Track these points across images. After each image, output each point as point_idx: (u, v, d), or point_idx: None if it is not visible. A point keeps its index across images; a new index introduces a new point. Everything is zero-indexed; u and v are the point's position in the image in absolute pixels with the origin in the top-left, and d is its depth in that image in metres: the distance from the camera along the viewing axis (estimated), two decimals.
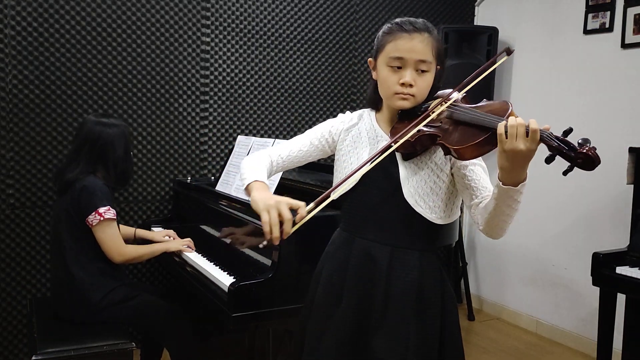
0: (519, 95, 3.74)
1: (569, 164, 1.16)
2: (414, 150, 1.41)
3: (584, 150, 1.13)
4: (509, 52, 1.48)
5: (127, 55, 3.02)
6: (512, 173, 1.23)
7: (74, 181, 2.28)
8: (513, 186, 1.25)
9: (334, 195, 1.35)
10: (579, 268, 3.31)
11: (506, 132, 1.18)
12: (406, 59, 1.39)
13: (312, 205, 1.28)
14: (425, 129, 1.37)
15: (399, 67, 1.40)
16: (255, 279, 1.99)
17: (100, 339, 2.17)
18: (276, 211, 1.26)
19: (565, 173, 1.17)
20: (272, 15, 3.40)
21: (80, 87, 2.92)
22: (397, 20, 1.45)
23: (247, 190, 1.42)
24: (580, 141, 1.15)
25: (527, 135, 1.17)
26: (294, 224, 1.26)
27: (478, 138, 1.26)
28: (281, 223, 1.25)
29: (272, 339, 2.31)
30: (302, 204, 1.27)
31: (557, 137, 1.17)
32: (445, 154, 1.38)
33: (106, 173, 2.36)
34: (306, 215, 1.26)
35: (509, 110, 1.28)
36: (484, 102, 1.39)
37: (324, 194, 1.30)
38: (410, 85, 1.40)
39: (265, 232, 1.25)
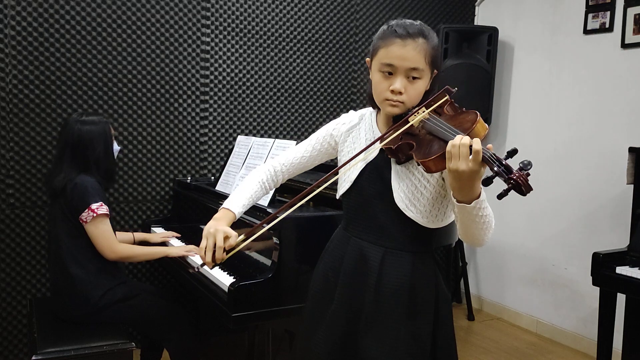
0: (519, 96, 3.74)
1: (506, 186, 1.15)
2: (399, 158, 1.41)
3: (514, 177, 1.13)
4: (449, 91, 1.42)
5: (127, 55, 3.02)
6: (461, 191, 1.24)
7: (65, 184, 2.28)
8: (466, 204, 1.25)
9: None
10: (579, 268, 3.31)
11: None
12: (397, 66, 1.38)
13: (242, 236, 1.43)
14: (404, 137, 1.37)
15: (390, 73, 1.40)
16: (255, 279, 1.99)
17: (100, 339, 2.17)
18: (213, 239, 1.41)
19: (499, 197, 1.16)
20: (272, 15, 3.40)
21: (80, 87, 2.92)
22: (393, 23, 1.43)
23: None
24: (520, 165, 1.15)
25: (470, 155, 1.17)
26: (228, 251, 1.42)
27: (438, 152, 1.26)
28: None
29: (272, 339, 2.31)
30: (234, 234, 1.43)
31: (498, 159, 1.17)
32: (418, 165, 1.37)
33: (91, 173, 2.34)
34: (235, 245, 1.42)
35: (474, 122, 1.27)
36: (458, 111, 1.39)
37: (255, 226, 1.45)
38: (400, 93, 1.39)
39: (201, 256, 1.42)
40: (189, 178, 3.18)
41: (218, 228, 1.42)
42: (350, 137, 1.56)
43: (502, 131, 3.84)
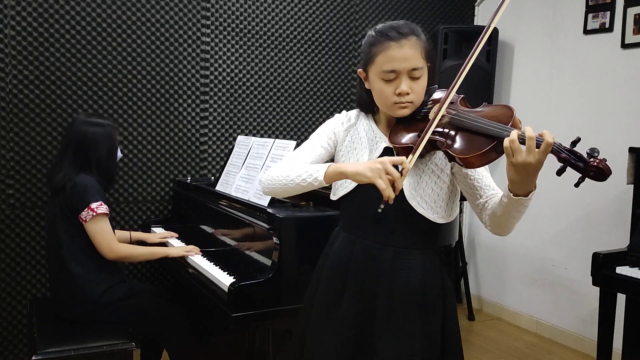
0: (519, 96, 3.74)
1: (580, 175, 1.16)
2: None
3: (595, 163, 1.13)
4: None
5: (127, 55, 3.02)
6: (523, 184, 1.25)
7: (65, 182, 2.28)
8: (524, 196, 1.26)
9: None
10: (579, 268, 3.31)
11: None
12: (399, 70, 1.39)
13: (410, 156, 1.32)
14: (430, 136, 1.36)
15: (393, 78, 1.40)
16: (255, 279, 1.99)
17: (100, 339, 2.17)
18: (385, 173, 1.28)
19: (577, 185, 1.18)
20: (272, 15, 3.40)
21: (80, 87, 2.92)
22: (380, 27, 1.43)
23: (329, 175, 1.40)
24: (588, 151, 1.15)
25: (537, 147, 1.17)
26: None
27: (484, 147, 1.25)
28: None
29: (272, 339, 2.31)
30: (403, 158, 1.31)
31: (565, 148, 1.17)
32: (450, 161, 1.38)
33: (91, 172, 2.34)
34: (409, 166, 1.31)
35: (512, 117, 1.27)
36: (484, 106, 1.38)
37: (417, 143, 1.33)
38: (408, 94, 1.40)
39: (385, 196, 1.27)
40: (189, 178, 3.18)
41: (381, 160, 1.29)
42: (349, 137, 1.56)
43: None
